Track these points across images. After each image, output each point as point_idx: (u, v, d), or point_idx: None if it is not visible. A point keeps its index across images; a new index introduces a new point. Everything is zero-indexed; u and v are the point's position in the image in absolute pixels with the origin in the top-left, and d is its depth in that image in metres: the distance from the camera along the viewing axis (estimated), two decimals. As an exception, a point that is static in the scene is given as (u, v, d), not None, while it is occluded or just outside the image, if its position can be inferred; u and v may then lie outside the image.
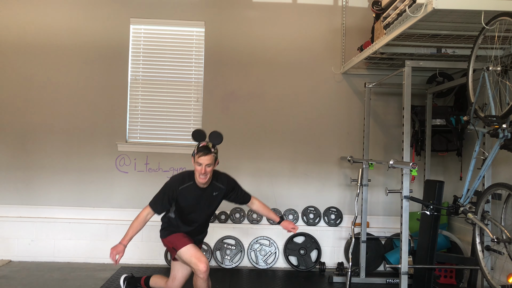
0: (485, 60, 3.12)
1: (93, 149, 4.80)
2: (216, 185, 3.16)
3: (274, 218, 3.39)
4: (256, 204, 3.40)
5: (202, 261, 2.98)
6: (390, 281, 4.27)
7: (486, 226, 3.06)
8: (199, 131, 3.08)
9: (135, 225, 3.11)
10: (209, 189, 3.13)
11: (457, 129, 4.13)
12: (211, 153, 2.99)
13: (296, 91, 4.87)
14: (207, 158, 2.96)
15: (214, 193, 3.16)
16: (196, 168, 3.01)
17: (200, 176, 3.00)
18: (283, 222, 3.37)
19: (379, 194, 4.82)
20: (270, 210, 3.46)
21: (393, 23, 3.22)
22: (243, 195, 3.34)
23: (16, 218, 4.72)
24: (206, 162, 2.96)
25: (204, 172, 2.97)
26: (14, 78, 4.79)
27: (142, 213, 3.14)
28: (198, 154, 2.97)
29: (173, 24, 4.86)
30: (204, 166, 2.96)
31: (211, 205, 3.21)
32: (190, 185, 3.09)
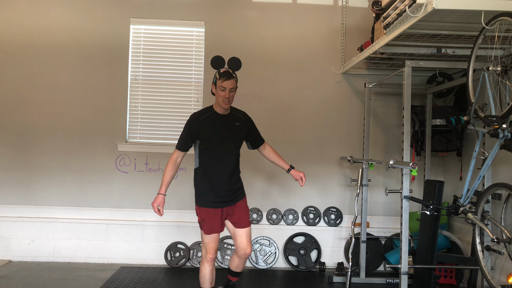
0: (485, 60, 3.12)
1: (93, 149, 4.80)
2: (237, 115, 3.18)
3: (284, 166, 3.33)
4: (268, 149, 3.36)
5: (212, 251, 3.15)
6: (390, 281, 4.27)
7: (486, 226, 3.06)
8: (219, 57, 3.14)
9: (167, 170, 3.17)
10: (230, 117, 3.14)
11: (457, 129, 4.13)
12: (233, 77, 3.06)
13: (296, 91, 4.87)
14: (231, 82, 3.02)
15: (236, 123, 3.15)
16: (219, 94, 3.03)
17: (224, 100, 3.03)
18: (293, 171, 3.31)
19: (379, 194, 4.82)
20: (281, 157, 3.37)
21: (393, 23, 3.22)
22: (259, 136, 3.33)
23: (16, 218, 4.72)
24: (230, 86, 3.01)
25: (228, 97, 3.02)
26: (14, 78, 4.79)
27: (171, 157, 3.19)
28: (222, 78, 3.02)
29: (173, 24, 4.86)
30: (228, 90, 3.01)
31: (234, 135, 3.15)
32: (210, 115, 3.13)
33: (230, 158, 3.15)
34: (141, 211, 4.79)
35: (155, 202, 3.14)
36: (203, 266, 3.18)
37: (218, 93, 3.05)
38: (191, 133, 3.13)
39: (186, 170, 4.81)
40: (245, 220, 3.18)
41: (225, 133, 3.11)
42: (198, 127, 3.10)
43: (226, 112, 3.14)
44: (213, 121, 3.11)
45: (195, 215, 4.75)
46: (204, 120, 3.12)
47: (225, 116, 3.14)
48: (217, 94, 3.07)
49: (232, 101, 3.10)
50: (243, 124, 3.20)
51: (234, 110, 3.22)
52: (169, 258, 4.64)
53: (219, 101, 3.06)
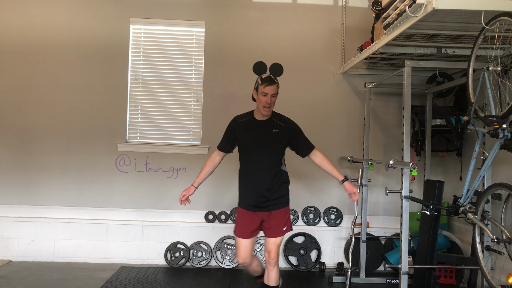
0: (485, 60, 3.12)
1: (93, 149, 4.80)
2: (276, 122, 3.12)
3: (338, 176, 3.13)
4: (320, 157, 3.17)
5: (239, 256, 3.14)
6: (390, 281, 4.27)
7: (486, 226, 3.06)
8: (261, 62, 3.16)
9: (203, 166, 3.23)
10: (267, 123, 3.10)
11: (457, 129, 4.13)
12: (275, 83, 3.05)
13: (295, 91, 4.86)
14: (273, 88, 3.01)
15: (274, 130, 3.09)
16: (261, 99, 3.01)
17: (265, 106, 3.01)
18: (346, 183, 3.12)
19: (379, 194, 4.82)
20: (334, 167, 3.18)
21: (393, 23, 3.22)
22: (307, 143, 3.17)
23: (16, 218, 4.72)
24: (271, 91, 3.00)
25: (269, 102, 3.01)
26: (14, 78, 4.79)
27: (211, 155, 3.26)
28: (264, 84, 3.02)
29: (173, 24, 4.86)
30: (270, 96, 3.01)
31: (271, 142, 3.07)
32: (248, 119, 3.14)
33: (265, 164, 3.08)
34: (141, 211, 4.79)
35: (185, 190, 3.23)
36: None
37: (259, 98, 3.03)
38: (229, 135, 3.18)
39: (186, 170, 4.82)
40: (278, 230, 3.09)
41: (259, 139, 3.08)
42: (235, 130, 3.14)
43: (264, 118, 3.11)
44: (250, 126, 3.12)
45: (195, 216, 4.81)
46: (242, 124, 3.14)
47: (262, 122, 3.11)
48: (258, 100, 3.05)
49: (273, 106, 3.08)
50: (283, 132, 3.10)
51: (275, 116, 3.15)
52: (169, 258, 4.65)
53: (259, 106, 3.05)
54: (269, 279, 3.13)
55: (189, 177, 4.79)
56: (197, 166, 4.74)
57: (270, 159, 3.09)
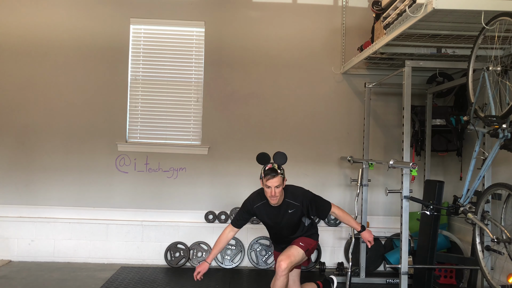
0: (485, 60, 3.12)
1: (93, 149, 4.80)
2: (290, 202, 3.19)
3: (356, 227, 3.27)
4: (337, 214, 3.29)
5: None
6: (390, 281, 4.27)
7: (486, 226, 3.06)
8: (264, 154, 3.17)
9: (217, 242, 3.30)
10: (283, 207, 3.19)
11: (457, 129, 4.13)
12: (278, 174, 3.06)
13: (296, 91, 4.87)
14: (275, 180, 3.04)
15: (290, 210, 3.18)
16: (266, 191, 3.10)
17: (271, 198, 3.09)
18: (364, 233, 3.25)
19: (379, 194, 4.82)
20: (351, 217, 3.33)
21: (393, 23, 3.22)
22: (323, 206, 3.26)
23: (16, 218, 4.72)
24: (274, 184, 3.05)
25: (274, 194, 3.06)
26: (14, 78, 4.79)
27: (224, 231, 3.34)
28: (266, 177, 3.06)
29: (173, 24, 4.86)
30: (273, 188, 3.05)
31: (291, 221, 3.22)
32: (263, 203, 3.22)
33: (288, 235, 3.29)
34: (141, 211, 4.79)
35: (200, 267, 3.25)
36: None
37: (265, 190, 3.11)
38: (246, 215, 3.30)
39: (186, 170, 4.82)
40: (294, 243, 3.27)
41: (277, 221, 3.22)
42: (252, 213, 3.27)
43: (278, 203, 3.18)
44: (266, 210, 3.22)
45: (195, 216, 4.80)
46: (257, 208, 3.23)
47: (277, 207, 3.19)
48: (264, 191, 3.13)
49: (282, 195, 3.14)
50: (298, 209, 3.19)
51: (288, 196, 3.20)
52: (169, 258, 4.64)
53: (267, 197, 3.12)
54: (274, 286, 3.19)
55: (189, 177, 4.79)
56: (197, 166, 4.77)
57: (294, 230, 3.29)
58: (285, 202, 3.19)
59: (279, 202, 3.16)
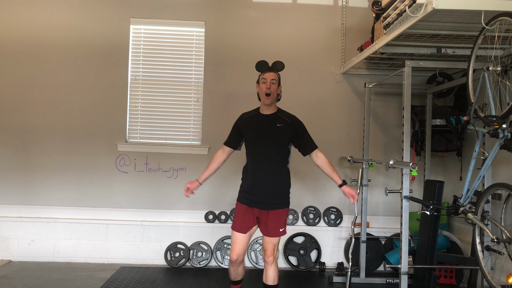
0: (485, 60, 3.12)
1: (93, 149, 4.80)
2: (281, 117, 3.14)
3: (337, 180, 3.15)
4: (321, 159, 3.14)
5: (234, 252, 3.10)
6: (390, 281, 4.27)
7: (486, 226, 3.06)
8: (263, 61, 3.21)
9: (210, 163, 3.25)
10: (272, 117, 3.13)
11: (457, 129, 4.13)
12: (274, 71, 3.11)
13: (296, 91, 4.86)
14: (271, 74, 3.07)
15: (279, 124, 3.11)
16: (261, 88, 3.08)
17: (265, 95, 3.05)
18: (344, 187, 3.13)
19: (379, 194, 4.82)
20: (334, 170, 3.17)
21: (393, 23, 3.22)
22: (310, 141, 3.16)
23: (16, 218, 4.72)
24: (271, 77, 3.06)
25: (269, 87, 3.04)
26: (14, 78, 4.79)
27: (216, 153, 3.28)
28: (263, 72, 3.10)
29: (173, 24, 4.86)
30: (269, 82, 3.05)
31: (274, 136, 3.07)
32: (254, 114, 3.20)
33: (270, 159, 3.08)
34: (141, 211, 4.79)
35: (189, 184, 3.23)
36: (229, 264, 3.22)
37: (260, 88, 3.10)
38: (235, 131, 3.23)
39: (186, 170, 4.83)
40: (274, 230, 3.09)
41: (264, 133, 3.10)
42: (241, 125, 3.20)
43: (269, 112, 3.14)
44: (255, 120, 3.16)
45: (195, 216, 4.81)
46: (247, 118, 3.20)
47: (267, 116, 3.14)
48: (260, 91, 3.11)
49: (274, 96, 3.09)
50: (287, 127, 3.10)
51: (281, 112, 3.18)
52: (169, 258, 4.64)
53: (261, 97, 3.10)
54: (267, 278, 3.12)
55: (189, 177, 4.78)
56: (197, 166, 4.76)
57: (275, 154, 3.10)
58: (277, 114, 3.14)
59: (272, 108, 3.12)
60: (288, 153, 3.18)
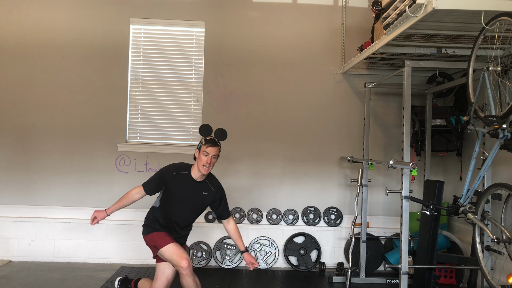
0: (485, 60, 3.12)
1: (93, 149, 4.80)
2: (209, 186, 3.22)
3: (240, 246, 3.29)
4: (231, 225, 3.31)
5: (183, 257, 3.01)
6: (390, 281, 4.27)
7: (486, 226, 3.06)
8: (207, 125, 3.21)
9: (122, 199, 3.27)
10: (201, 185, 3.18)
11: (457, 129, 4.13)
12: (218, 146, 3.13)
13: (296, 91, 4.87)
14: (214, 149, 3.09)
15: (204, 192, 3.19)
16: (201, 159, 3.07)
17: (204, 166, 3.07)
18: (246, 254, 3.27)
19: (379, 194, 4.82)
20: (240, 237, 3.32)
21: (393, 23, 3.22)
22: (226, 209, 3.33)
23: (16, 218, 4.72)
24: (213, 152, 3.08)
25: (209, 162, 3.07)
26: (14, 78, 4.79)
27: (132, 190, 3.28)
28: (206, 144, 3.09)
29: (173, 24, 4.86)
30: (211, 157, 3.07)
31: (198, 203, 3.21)
32: (184, 174, 3.17)
33: (185, 218, 3.24)
34: (141, 211, 4.73)
35: (97, 212, 3.24)
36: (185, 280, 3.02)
37: (200, 157, 3.09)
38: (159, 182, 3.19)
39: (186, 170, 4.81)
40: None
41: (188, 197, 3.17)
42: (169, 181, 3.16)
43: (199, 179, 3.17)
44: (184, 181, 3.16)
45: (195, 215, 4.79)
46: (178, 177, 3.17)
47: (198, 182, 3.17)
48: (198, 159, 3.11)
49: (212, 168, 3.13)
50: (211, 195, 3.21)
51: (209, 178, 3.23)
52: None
53: (199, 165, 3.09)
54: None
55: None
56: (197, 166, 4.76)
57: (192, 216, 3.27)
58: (205, 182, 3.20)
59: (203, 177, 3.16)
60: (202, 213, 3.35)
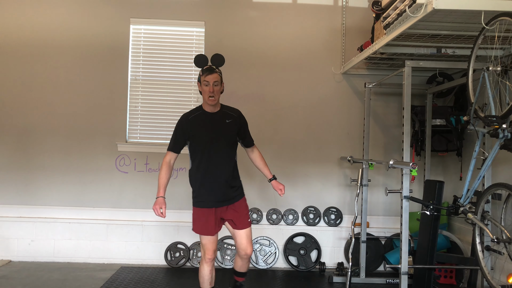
0: (485, 60, 3.12)
1: (93, 149, 4.80)
2: (228, 112, 3.16)
3: (267, 174, 3.30)
4: (256, 153, 3.32)
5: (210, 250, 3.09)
6: (390, 281, 4.27)
7: (486, 226, 3.06)
8: (201, 55, 3.15)
9: (161, 173, 3.12)
10: (220, 115, 3.12)
11: (457, 129, 4.13)
12: (216, 72, 3.05)
13: (296, 91, 4.87)
14: (213, 76, 3.01)
15: (227, 120, 3.12)
16: (204, 90, 3.04)
17: (209, 97, 3.02)
18: (273, 181, 3.29)
19: (379, 194, 4.82)
20: (266, 165, 3.33)
21: (393, 23, 3.22)
22: (249, 136, 3.28)
23: (16, 218, 4.72)
24: (212, 80, 3.00)
25: (212, 91, 3.01)
26: (14, 78, 4.79)
27: (164, 160, 3.16)
28: (204, 74, 3.04)
29: (173, 24, 4.86)
30: (212, 84, 3.01)
31: (225, 134, 3.10)
32: (199, 114, 3.13)
33: (223, 157, 3.09)
34: (141, 211, 4.79)
35: (157, 205, 3.04)
36: (202, 266, 3.15)
37: (203, 89, 3.05)
38: (181, 134, 3.12)
39: (186, 170, 4.80)
40: (244, 220, 3.14)
41: (215, 131, 3.08)
42: (188, 127, 3.09)
43: (215, 110, 3.12)
44: (203, 119, 3.10)
45: (195, 215, 4.80)
46: (193, 119, 3.11)
47: (214, 114, 3.12)
48: (202, 92, 3.07)
49: (218, 96, 3.07)
50: (235, 121, 3.15)
51: (225, 107, 3.19)
52: (169, 258, 4.65)
53: (205, 98, 3.05)
54: (241, 267, 3.28)
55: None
56: (197, 166, 4.76)
57: (228, 149, 3.13)
58: (223, 110, 3.15)
59: (216, 106, 3.10)
60: (237, 145, 3.23)
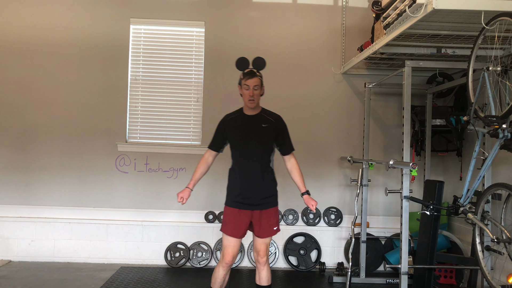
0: (485, 60, 3.12)
1: (93, 149, 4.80)
2: (266, 117, 3.16)
3: (301, 187, 3.18)
4: (293, 163, 3.20)
5: (230, 255, 3.05)
6: (390, 281, 4.27)
7: (486, 226, 3.06)
8: (243, 58, 3.17)
9: (197, 167, 3.22)
10: (257, 118, 3.13)
11: (457, 129, 4.13)
12: (257, 76, 3.08)
13: (296, 91, 4.87)
14: (254, 80, 3.05)
15: (263, 124, 3.12)
16: (244, 93, 3.07)
17: (249, 100, 3.05)
18: (305, 196, 3.18)
19: (379, 194, 4.82)
20: (302, 177, 3.20)
21: (393, 23, 3.22)
22: (288, 144, 3.21)
23: (16, 218, 4.72)
24: (253, 83, 3.04)
25: (252, 95, 3.04)
26: (14, 78, 4.79)
27: (203, 156, 3.25)
28: (245, 78, 3.07)
29: (173, 24, 4.86)
30: (252, 88, 3.03)
31: (260, 137, 3.08)
32: (238, 115, 3.17)
33: (256, 160, 3.08)
34: (141, 211, 4.79)
35: (181, 192, 3.17)
36: (218, 268, 3.11)
37: (243, 92, 3.08)
38: (219, 133, 3.19)
39: (186, 170, 4.82)
40: (268, 230, 3.10)
41: (249, 133, 3.10)
42: (225, 127, 3.16)
43: (253, 113, 3.14)
44: (240, 121, 3.14)
45: (195, 216, 4.81)
46: (231, 120, 3.17)
47: (252, 116, 3.14)
48: (243, 94, 3.09)
49: (258, 99, 3.10)
50: (272, 126, 3.13)
51: (265, 112, 3.19)
52: (169, 258, 4.65)
53: (245, 100, 3.09)
54: (260, 279, 3.13)
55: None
56: (197, 166, 4.76)
57: (260, 154, 3.10)
58: (262, 114, 3.16)
59: (256, 109, 3.12)
60: (273, 152, 3.20)
